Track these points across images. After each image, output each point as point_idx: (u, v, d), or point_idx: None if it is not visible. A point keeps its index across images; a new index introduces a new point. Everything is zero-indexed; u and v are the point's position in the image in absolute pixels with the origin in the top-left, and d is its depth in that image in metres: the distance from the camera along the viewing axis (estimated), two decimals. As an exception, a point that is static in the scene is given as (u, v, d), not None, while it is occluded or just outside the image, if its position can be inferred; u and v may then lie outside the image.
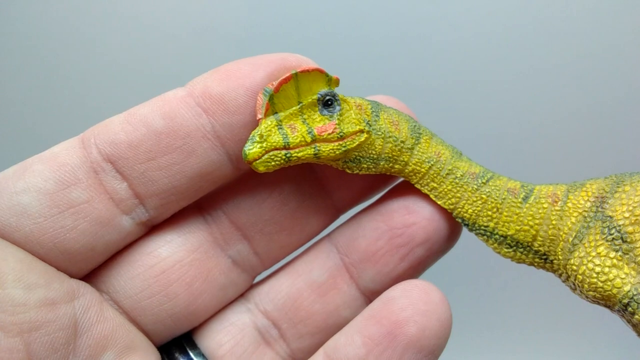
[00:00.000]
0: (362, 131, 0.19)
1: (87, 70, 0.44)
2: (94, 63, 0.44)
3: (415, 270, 0.21)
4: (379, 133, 0.20)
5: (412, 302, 0.19)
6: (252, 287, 0.22)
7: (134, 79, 0.44)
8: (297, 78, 0.18)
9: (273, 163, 0.18)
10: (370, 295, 0.21)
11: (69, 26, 0.43)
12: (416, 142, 0.20)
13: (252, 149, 0.18)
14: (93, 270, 0.20)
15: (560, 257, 0.19)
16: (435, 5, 0.42)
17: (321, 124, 0.19)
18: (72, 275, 0.19)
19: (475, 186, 0.20)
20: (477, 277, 0.47)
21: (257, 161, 0.18)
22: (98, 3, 0.43)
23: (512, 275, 0.45)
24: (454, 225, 0.21)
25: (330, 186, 0.22)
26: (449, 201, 0.20)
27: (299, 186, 0.21)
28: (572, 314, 0.47)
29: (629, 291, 0.17)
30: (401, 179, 0.22)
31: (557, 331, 0.48)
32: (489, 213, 0.20)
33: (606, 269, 0.18)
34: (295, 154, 0.18)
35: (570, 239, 0.19)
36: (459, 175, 0.20)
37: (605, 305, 0.18)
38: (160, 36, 0.43)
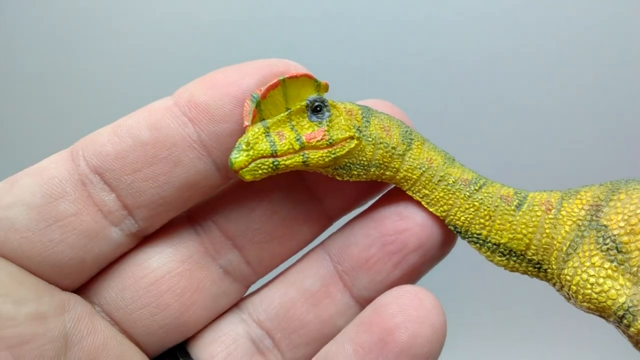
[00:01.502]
0: (352, 137, 0.19)
1: (77, 82, 0.45)
2: (84, 74, 0.44)
3: (409, 278, 0.21)
4: (370, 139, 0.19)
5: (403, 308, 0.19)
6: (245, 297, 0.22)
7: (124, 88, 0.44)
8: (285, 84, 0.18)
9: (260, 171, 0.18)
10: (364, 304, 0.21)
11: (58, 38, 0.43)
12: (407, 148, 0.20)
13: (238, 157, 0.17)
14: (85, 283, 0.20)
15: (554, 266, 0.19)
16: (429, 9, 0.41)
17: (310, 130, 0.18)
18: (63, 288, 0.19)
19: (468, 193, 0.20)
20: (474, 283, 0.47)
21: (244, 169, 0.17)
22: (87, 14, 0.43)
23: (509, 281, 0.44)
24: (448, 231, 0.21)
25: (320, 194, 0.21)
26: (441, 208, 0.20)
27: (289, 194, 0.21)
28: (569, 318, 0.46)
29: (624, 303, 0.17)
30: (393, 186, 0.22)
31: (552, 336, 0.48)
32: (482, 221, 0.20)
33: (601, 280, 0.17)
34: (283, 162, 0.18)
35: (564, 248, 0.18)
36: (451, 182, 0.20)
37: (600, 316, 0.18)
38: (150, 44, 0.43)
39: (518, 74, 0.42)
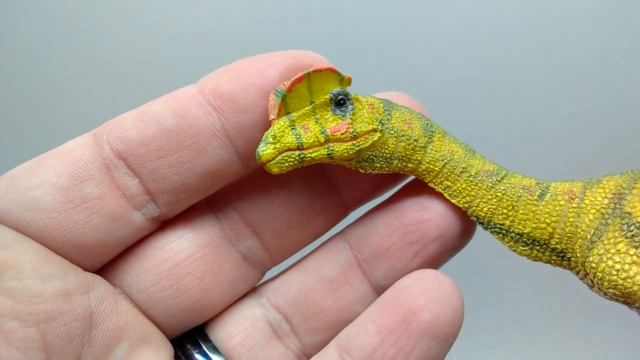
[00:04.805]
0: (375, 130, 0.19)
1: (99, 65, 0.45)
2: (106, 58, 0.44)
3: (428, 267, 0.21)
4: (392, 132, 0.20)
5: (425, 290, 0.19)
6: (264, 282, 0.22)
7: (147, 74, 0.44)
8: (310, 78, 0.18)
9: (287, 164, 0.18)
10: (382, 292, 0.21)
11: (82, 22, 0.44)
12: (429, 140, 0.20)
13: (265, 150, 0.17)
14: (106, 265, 0.20)
15: (578, 254, 0.19)
16: (447, 3, 0.41)
17: (334, 123, 0.18)
18: (85, 269, 0.19)
19: (490, 184, 0.20)
20: (489, 273, 0.47)
21: (271, 162, 0.17)
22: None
23: (524, 272, 0.45)
24: (467, 222, 0.21)
25: (338, 184, 0.22)
26: (464, 199, 0.20)
27: (308, 184, 0.21)
28: (584, 309, 0.47)
29: None
30: (409, 177, 0.22)
31: (566, 328, 0.48)
32: (505, 211, 0.20)
33: (626, 266, 0.17)
34: (308, 155, 0.18)
35: (589, 236, 0.19)
36: (473, 173, 0.20)
37: (625, 303, 0.18)
38: (172, 31, 0.43)
39: (537, 66, 0.42)
